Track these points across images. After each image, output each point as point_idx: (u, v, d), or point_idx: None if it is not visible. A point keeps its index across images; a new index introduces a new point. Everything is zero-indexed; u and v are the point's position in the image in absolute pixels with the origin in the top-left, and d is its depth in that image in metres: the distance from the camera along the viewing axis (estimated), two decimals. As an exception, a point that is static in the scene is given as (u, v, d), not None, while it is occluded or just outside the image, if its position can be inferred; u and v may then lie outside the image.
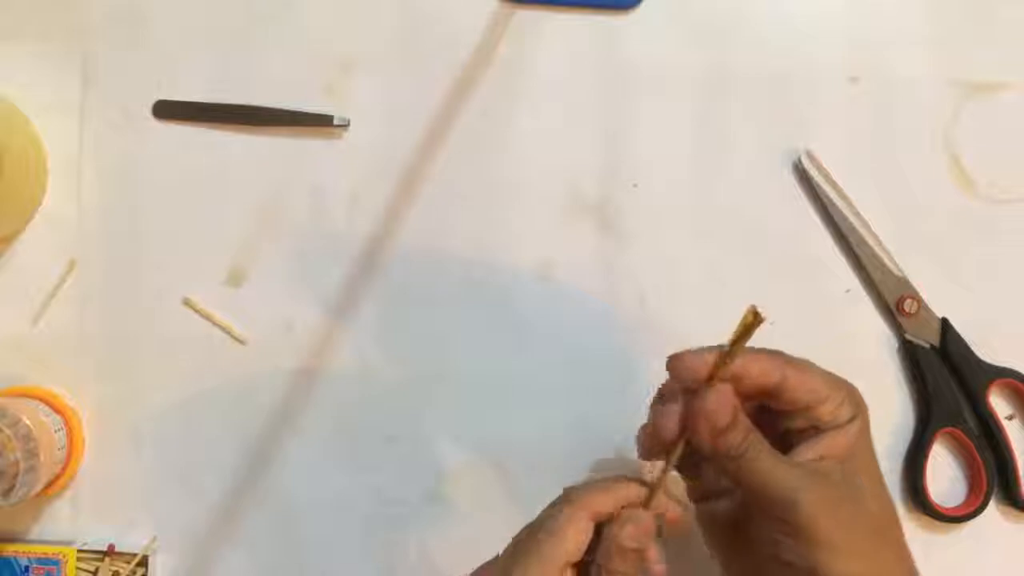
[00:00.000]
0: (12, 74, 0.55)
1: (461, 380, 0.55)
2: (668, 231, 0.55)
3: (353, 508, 0.54)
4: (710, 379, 0.37)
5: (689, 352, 0.38)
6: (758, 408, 0.41)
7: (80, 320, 0.55)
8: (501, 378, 0.55)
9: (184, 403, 0.55)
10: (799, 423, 0.39)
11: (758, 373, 0.38)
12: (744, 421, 0.37)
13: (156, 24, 0.55)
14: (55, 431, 0.52)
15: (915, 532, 0.54)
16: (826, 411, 0.39)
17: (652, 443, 0.40)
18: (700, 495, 0.43)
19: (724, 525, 0.42)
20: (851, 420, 0.39)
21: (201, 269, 0.55)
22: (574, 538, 0.38)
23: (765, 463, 0.37)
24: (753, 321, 0.35)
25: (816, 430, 0.39)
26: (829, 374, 0.40)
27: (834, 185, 0.54)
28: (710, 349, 0.38)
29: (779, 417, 0.40)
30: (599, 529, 0.39)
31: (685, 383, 0.38)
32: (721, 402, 0.36)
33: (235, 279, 0.55)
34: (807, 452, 0.38)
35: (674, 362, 0.38)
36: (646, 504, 0.39)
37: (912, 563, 0.39)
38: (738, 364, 0.37)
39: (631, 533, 0.38)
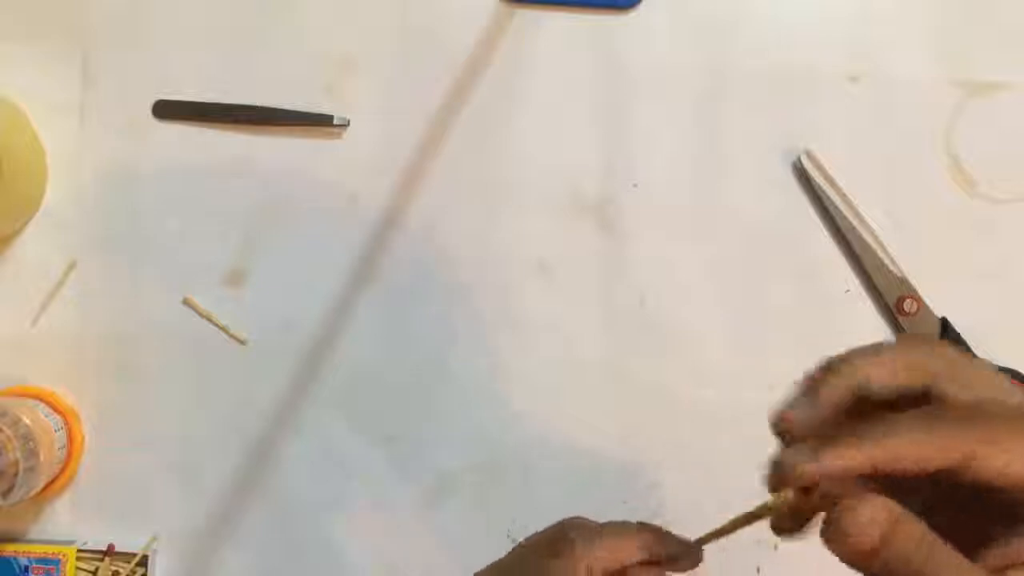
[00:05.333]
0: (12, 74, 0.55)
1: (461, 380, 0.55)
2: (668, 231, 0.55)
3: (353, 508, 0.54)
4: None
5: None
6: None
7: (80, 320, 0.55)
8: (501, 378, 0.55)
9: (184, 403, 0.55)
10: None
11: (915, 461, 0.26)
12: (908, 530, 0.25)
13: (156, 24, 0.55)
14: (55, 431, 0.52)
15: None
16: None
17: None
18: None
19: None
20: None
21: (201, 269, 0.55)
22: None
23: None
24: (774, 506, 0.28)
25: None
26: None
27: (834, 185, 0.54)
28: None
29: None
30: None
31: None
32: (864, 526, 0.25)
33: (235, 279, 0.55)
34: (1015, 551, 0.26)
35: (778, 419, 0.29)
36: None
37: None
38: (885, 451, 0.26)
39: None
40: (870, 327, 0.55)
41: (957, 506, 0.27)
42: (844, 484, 0.27)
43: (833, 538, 0.25)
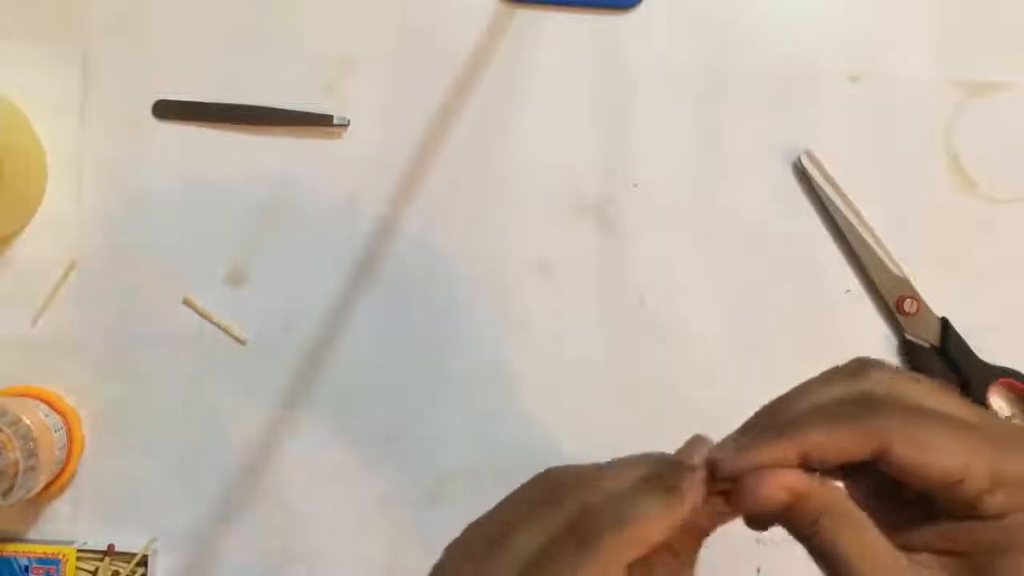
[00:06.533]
0: (12, 74, 0.55)
1: (461, 380, 0.55)
2: (668, 231, 0.55)
3: (353, 508, 0.54)
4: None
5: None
6: None
7: (80, 320, 0.55)
8: (501, 378, 0.55)
9: (184, 403, 0.55)
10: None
11: (836, 452, 0.26)
12: (814, 490, 0.26)
13: (156, 24, 0.55)
14: (55, 431, 0.52)
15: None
16: (966, 494, 0.25)
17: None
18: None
19: None
20: (1011, 514, 0.26)
21: (201, 269, 0.55)
22: None
23: (849, 548, 0.25)
24: None
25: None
26: (976, 433, 0.26)
27: (834, 185, 0.54)
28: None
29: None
30: None
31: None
32: (760, 490, 0.26)
33: (235, 279, 0.55)
34: (929, 537, 0.27)
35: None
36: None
37: None
38: (811, 441, 0.26)
39: None
40: (870, 327, 0.55)
41: (890, 496, 0.28)
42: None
43: (740, 495, 0.26)
